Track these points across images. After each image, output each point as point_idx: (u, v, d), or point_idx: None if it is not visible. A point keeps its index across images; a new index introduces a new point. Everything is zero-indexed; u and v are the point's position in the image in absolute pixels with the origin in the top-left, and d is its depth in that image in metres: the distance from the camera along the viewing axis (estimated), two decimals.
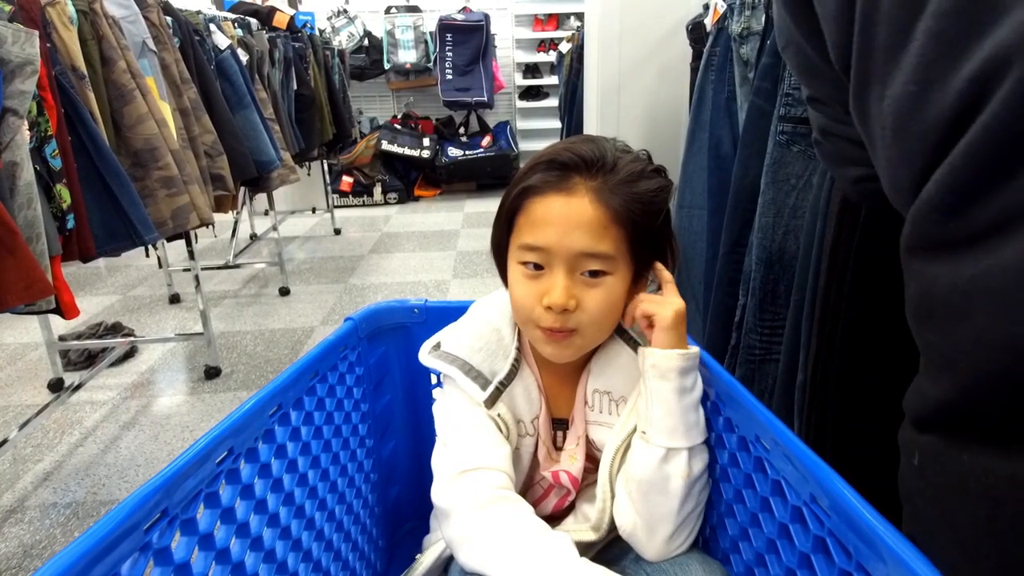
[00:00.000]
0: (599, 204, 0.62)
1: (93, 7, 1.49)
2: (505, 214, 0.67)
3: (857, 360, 0.85)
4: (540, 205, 0.63)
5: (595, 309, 0.64)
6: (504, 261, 0.69)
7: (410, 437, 0.97)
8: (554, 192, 0.62)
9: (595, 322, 0.65)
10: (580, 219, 0.61)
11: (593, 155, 0.63)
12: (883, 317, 0.81)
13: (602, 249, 0.62)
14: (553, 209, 0.62)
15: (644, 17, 1.95)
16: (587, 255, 0.62)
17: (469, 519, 0.61)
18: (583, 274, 0.63)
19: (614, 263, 0.63)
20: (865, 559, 0.44)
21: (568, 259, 0.62)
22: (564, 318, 0.63)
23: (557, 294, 0.62)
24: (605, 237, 0.62)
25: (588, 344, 0.68)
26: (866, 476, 0.53)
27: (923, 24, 0.35)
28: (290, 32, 3.10)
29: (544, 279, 0.64)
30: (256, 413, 0.62)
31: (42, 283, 1.11)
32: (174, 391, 2.09)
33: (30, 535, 1.42)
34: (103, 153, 1.41)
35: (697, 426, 0.65)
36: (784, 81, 1.04)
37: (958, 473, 0.37)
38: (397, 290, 2.95)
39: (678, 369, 0.63)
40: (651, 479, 0.63)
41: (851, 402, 0.87)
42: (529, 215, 0.64)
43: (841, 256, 0.84)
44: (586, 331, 0.65)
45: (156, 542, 0.47)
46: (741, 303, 1.18)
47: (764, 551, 0.58)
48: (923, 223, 0.38)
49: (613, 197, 0.62)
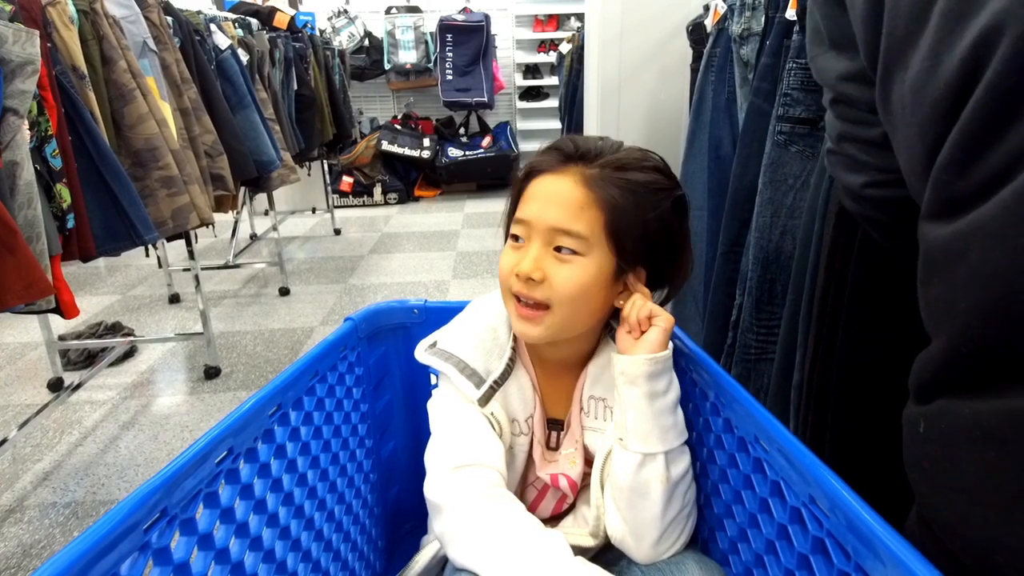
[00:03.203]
0: (582, 186, 0.64)
1: (94, 7, 1.49)
2: (512, 196, 0.71)
3: (853, 360, 0.85)
4: (535, 184, 0.67)
5: (562, 285, 0.64)
6: None
7: (410, 437, 0.97)
8: (548, 173, 0.66)
9: (564, 300, 0.64)
10: (561, 196, 0.64)
11: (592, 145, 0.67)
12: (880, 317, 0.81)
13: (575, 228, 0.63)
14: (542, 187, 0.66)
15: (644, 18, 1.95)
16: (560, 231, 0.64)
17: (461, 515, 0.61)
18: (555, 249, 0.64)
19: (587, 244, 0.64)
20: (864, 560, 0.44)
21: (543, 232, 0.64)
22: (531, 287, 0.64)
23: (526, 262, 0.64)
24: (580, 218, 0.63)
25: (558, 324, 0.66)
26: (862, 475, 0.53)
27: (937, 6, 0.38)
28: (290, 32, 3.10)
29: (522, 250, 0.66)
30: (255, 413, 0.62)
31: (42, 283, 1.11)
32: (174, 391, 2.09)
33: (29, 535, 1.43)
34: (103, 153, 1.41)
35: (674, 429, 0.65)
36: (783, 81, 1.04)
37: (963, 425, 0.39)
38: (397, 290, 2.95)
39: (646, 374, 0.63)
40: (631, 485, 0.64)
41: (847, 402, 0.87)
42: (526, 192, 0.68)
43: (839, 256, 0.84)
44: (556, 310, 0.65)
45: (155, 542, 0.47)
46: (738, 302, 1.19)
47: (763, 552, 0.58)
48: (935, 188, 0.40)
49: (600, 182, 0.64)
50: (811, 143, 1.02)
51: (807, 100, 1.01)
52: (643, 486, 0.63)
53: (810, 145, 1.02)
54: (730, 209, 1.25)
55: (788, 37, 1.06)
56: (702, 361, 0.69)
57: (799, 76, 1.00)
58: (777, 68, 1.09)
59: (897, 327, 0.80)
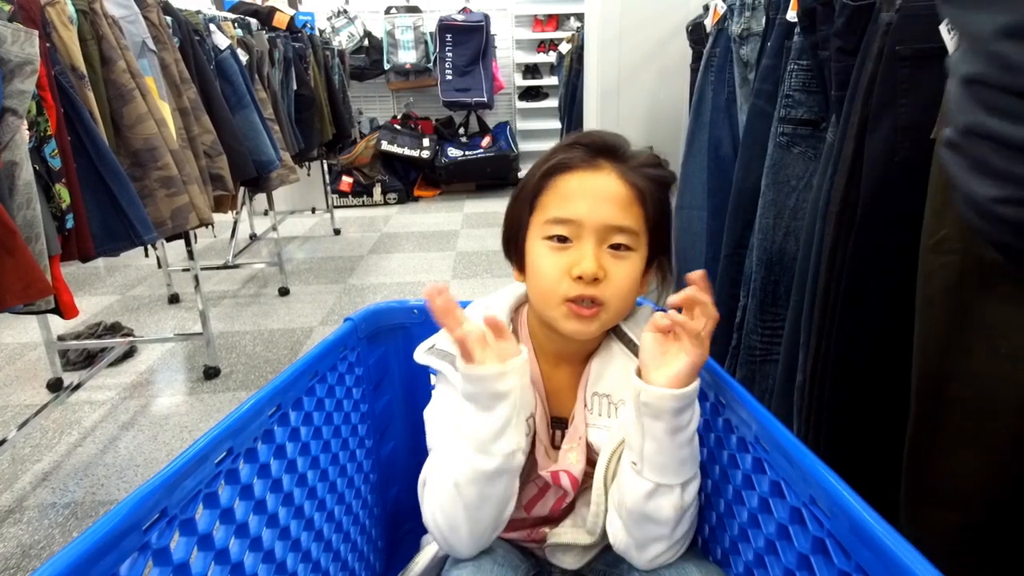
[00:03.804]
0: (625, 182, 0.65)
1: (93, 7, 1.49)
2: (529, 195, 0.68)
3: (855, 362, 0.85)
4: (570, 180, 0.66)
5: (621, 282, 0.65)
6: (518, 248, 0.70)
7: (409, 438, 0.97)
8: (581, 168, 0.66)
9: (619, 296, 0.65)
10: (608, 192, 0.64)
11: (616, 142, 0.67)
12: (881, 318, 0.81)
13: (628, 223, 0.64)
14: (585, 183, 0.65)
15: (644, 18, 1.95)
16: (615, 228, 0.64)
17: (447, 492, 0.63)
18: (609, 247, 0.65)
19: (637, 239, 0.66)
20: (864, 560, 0.44)
21: (597, 230, 0.64)
22: (593, 288, 0.64)
23: (588, 263, 0.63)
24: (631, 212, 0.65)
25: (610, 321, 0.68)
26: (864, 477, 0.53)
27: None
28: (290, 32, 3.10)
29: (572, 251, 0.65)
30: (255, 413, 0.62)
31: (41, 283, 1.11)
32: (173, 391, 2.09)
33: (28, 535, 1.42)
34: (102, 153, 1.41)
35: (691, 459, 0.63)
36: (785, 83, 1.04)
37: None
38: (396, 291, 2.95)
39: (672, 410, 0.59)
40: (641, 509, 0.62)
41: (849, 403, 0.87)
42: (558, 190, 0.66)
43: (839, 258, 0.84)
44: (611, 305, 0.65)
45: (155, 542, 0.47)
46: (742, 304, 1.18)
47: (763, 552, 0.58)
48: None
49: (637, 177, 0.65)
50: (813, 144, 1.02)
51: (809, 102, 1.01)
52: (655, 511, 0.62)
53: (812, 146, 1.02)
54: (733, 211, 1.24)
55: (789, 38, 1.06)
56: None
57: (801, 78, 1.00)
58: (778, 69, 1.09)
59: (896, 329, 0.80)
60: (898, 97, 0.71)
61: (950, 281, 0.61)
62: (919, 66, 0.70)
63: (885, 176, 0.73)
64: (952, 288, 0.61)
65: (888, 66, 0.72)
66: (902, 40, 0.70)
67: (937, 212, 0.62)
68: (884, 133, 0.73)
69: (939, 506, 0.65)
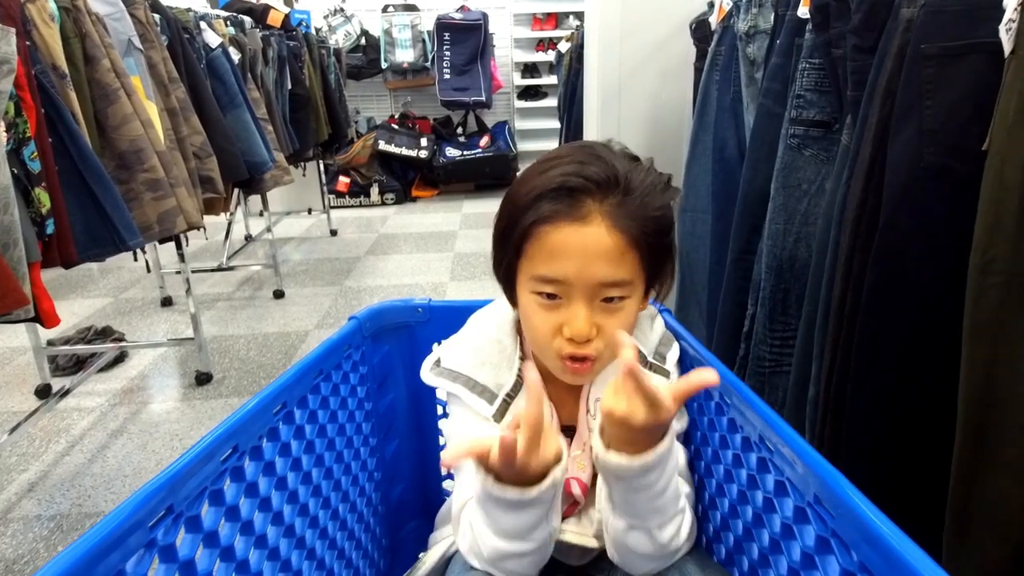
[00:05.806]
0: (615, 230, 0.59)
1: (76, 4, 1.44)
2: (516, 238, 0.62)
3: (872, 374, 0.81)
4: (553, 235, 0.60)
5: (616, 334, 0.60)
6: (510, 283, 0.67)
7: (413, 436, 0.97)
8: (567, 221, 0.59)
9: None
10: (598, 249, 0.59)
11: (604, 176, 0.60)
12: (900, 329, 0.77)
13: (621, 276, 0.60)
14: (569, 240, 0.59)
15: (646, 15, 1.91)
16: (607, 284, 0.60)
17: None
18: (602, 300, 0.61)
19: (631, 287, 0.62)
20: (869, 559, 0.44)
21: (587, 290, 0.60)
22: (585, 346, 0.61)
23: (579, 325, 0.60)
24: (623, 264, 0.60)
25: (607, 363, 0.66)
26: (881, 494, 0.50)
27: None
28: (285, 31, 3.06)
29: (562, 309, 0.61)
30: (260, 411, 0.62)
31: (16, 293, 1.06)
32: (164, 397, 2.05)
33: (12, 549, 1.38)
34: (85, 155, 1.36)
35: (670, 502, 0.59)
36: (795, 82, 1.00)
37: None
38: (394, 292, 2.91)
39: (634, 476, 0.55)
40: (622, 540, 0.61)
41: (865, 417, 0.83)
42: (542, 245, 0.60)
43: (857, 266, 0.80)
44: (605, 355, 0.63)
45: (161, 539, 0.48)
46: (750, 313, 1.14)
47: (768, 552, 0.58)
48: None
49: (629, 221, 0.59)
50: (826, 147, 0.97)
51: (821, 102, 0.96)
52: (636, 545, 0.61)
53: (825, 149, 0.97)
54: (740, 214, 1.20)
55: (799, 36, 1.02)
56: (707, 361, 0.68)
57: (813, 77, 0.96)
58: (788, 68, 1.05)
59: (916, 339, 0.76)
60: (923, 98, 0.67)
61: (997, 304, 0.57)
62: (946, 65, 0.65)
63: (909, 182, 0.69)
64: (1000, 311, 0.57)
65: (912, 65, 0.68)
66: (927, 38, 0.66)
67: (990, 228, 0.58)
68: (908, 136, 0.69)
69: (986, 536, 0.62)
